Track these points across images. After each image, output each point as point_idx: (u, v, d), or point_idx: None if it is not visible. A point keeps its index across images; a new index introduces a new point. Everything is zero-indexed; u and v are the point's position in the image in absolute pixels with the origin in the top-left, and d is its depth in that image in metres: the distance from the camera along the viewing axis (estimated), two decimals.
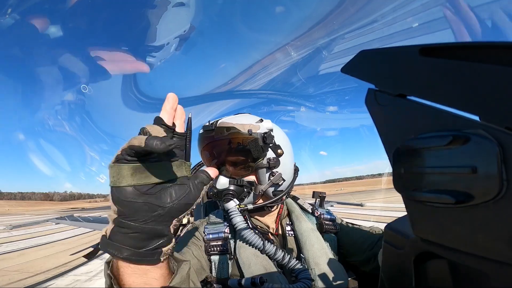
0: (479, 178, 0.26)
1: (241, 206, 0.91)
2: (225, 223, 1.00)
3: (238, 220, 0.84)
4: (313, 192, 2.29)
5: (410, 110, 0.33)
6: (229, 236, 0.95)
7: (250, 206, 0.94)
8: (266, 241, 0.83)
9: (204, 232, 0.96)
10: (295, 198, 1.18)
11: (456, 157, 0.27)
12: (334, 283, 0.87)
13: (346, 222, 1.19)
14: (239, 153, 0.93)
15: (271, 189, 0.97)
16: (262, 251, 0.82)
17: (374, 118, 0.37)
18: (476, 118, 0.26)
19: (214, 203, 2.10)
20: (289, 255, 0.83)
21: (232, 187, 0.92)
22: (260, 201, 0.98)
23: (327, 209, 1.18)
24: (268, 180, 0.96)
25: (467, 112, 0.27)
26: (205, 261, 0.91)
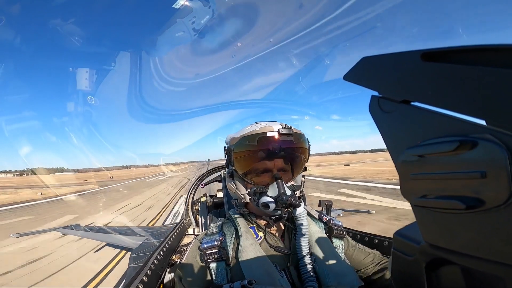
0: (489, 183, 0.25)
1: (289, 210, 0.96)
2: (220, 232, 1.03)
3: (305, 224, 0.94)
4: (319, 200, 2.30)
5: (415, 116, 0.33)
6: (222, 244, 0.98)
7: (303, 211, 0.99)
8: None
9: (201, 246, 0.99)
10: None
11: (464, 163, 0.27)
12: (347, 282, 0.87)
13: (351, 234, 1.26)
14: (304, 159, 1.04)
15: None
16: None
17: (379, 125, 0.37)
18: (483, 122, 0.26)
19: (219, 213, 2.10)
20: None
21: (297, 193, 0.99)
22: None
23: (333, 217, 1.20)
24: (301, 183, 1.07)
25: (472, 116, 0.27)
26: (208, 278, 0.95)
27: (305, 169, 1.07)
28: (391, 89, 0.35)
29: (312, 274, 0.88)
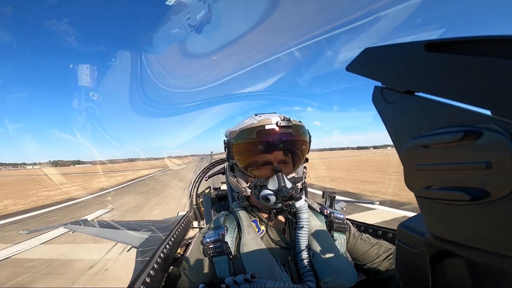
0: (494, 173, 0.25)
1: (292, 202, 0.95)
2: (223, 226, 1.03)
3: (305, 217, 0.94)
4: (323, 192, 2.29)
5: (419, 106, 0.32)
6: (224, 238, 0.98)
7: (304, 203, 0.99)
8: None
9: (203, 240, 1.00)
10: None
11: (469, 153, 0.27)
12: (344, 278, 0.87)
13: (355, 225, 1.23)
14: (304, 151, 1.03)
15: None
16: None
17: (382, 115, 0.37)
18: (488, 112, 0.26)
19: (223, 206, 2.11)
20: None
21: (298, 185, 0.99)
22: None
23: (336, 210, 1.19)
24: (303, 175, 1.06)
25: (477, 106, 0.26)
26: (212, 271, 0.96)
27: (307, 160, 1.07)
28: (395, 79, 0.35)
29: (309, 269, 0.89)
